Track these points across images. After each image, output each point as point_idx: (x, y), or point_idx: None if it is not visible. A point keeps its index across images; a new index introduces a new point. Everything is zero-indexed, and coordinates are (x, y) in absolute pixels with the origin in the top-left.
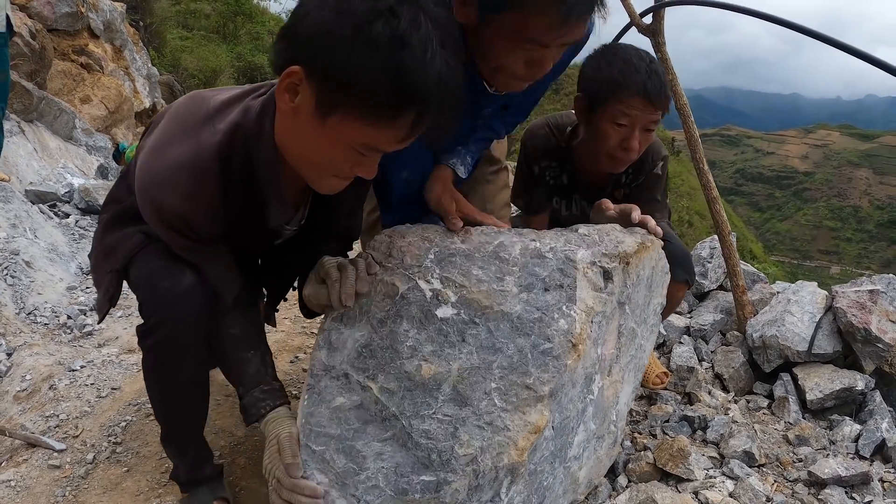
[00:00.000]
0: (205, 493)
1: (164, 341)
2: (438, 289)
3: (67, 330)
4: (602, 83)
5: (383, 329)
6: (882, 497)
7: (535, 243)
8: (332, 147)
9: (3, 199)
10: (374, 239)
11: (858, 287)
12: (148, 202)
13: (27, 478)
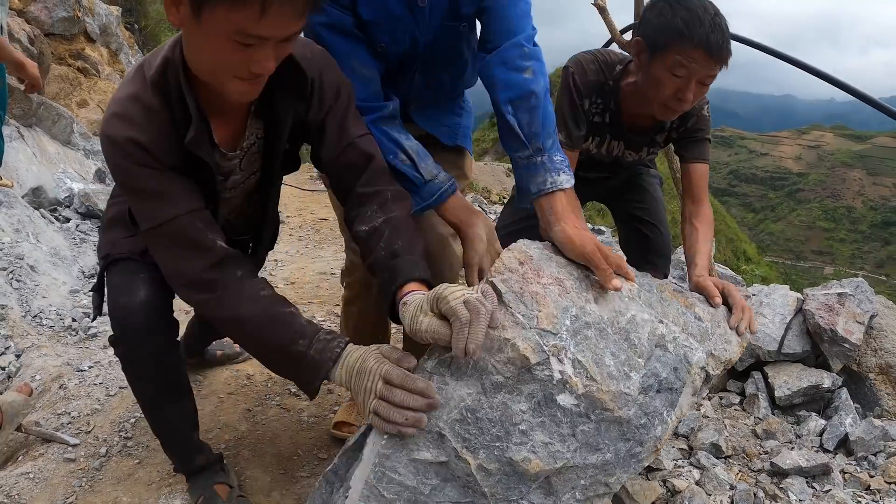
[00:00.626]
0: (204, 480)
1: (127, 353)
2: (570, 375)
3: (73, 332)
4: (664, 30)
5: (496, 397)
6: (842, 487)
7: (662, 326)
8: (215, 45)
9: (6, 205)
10: (504, 262)
11: (828, 290)
12: (108, 144)
13: (44, 470)
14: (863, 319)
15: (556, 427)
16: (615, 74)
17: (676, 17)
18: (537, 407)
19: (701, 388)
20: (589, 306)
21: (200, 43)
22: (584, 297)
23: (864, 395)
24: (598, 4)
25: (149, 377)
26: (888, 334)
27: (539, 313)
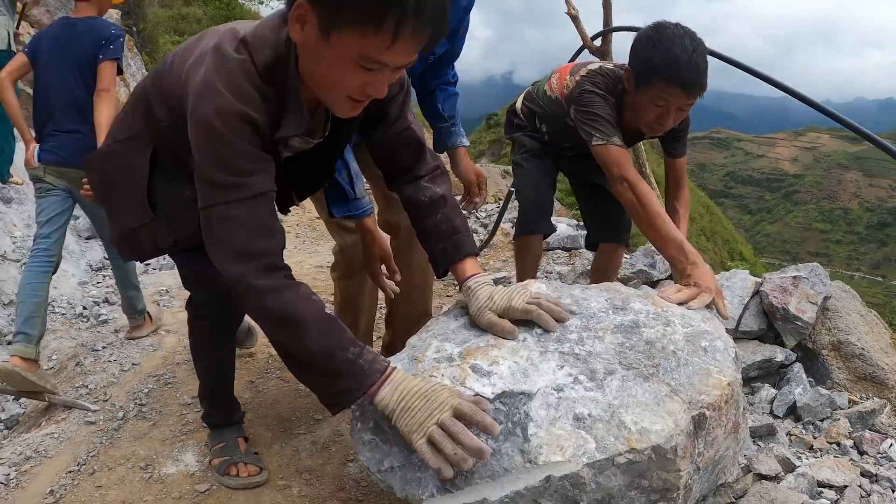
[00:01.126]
0: (231, 432)
1: (208, 326)
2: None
3: (84, 319)
4: (646, 66)
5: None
6: (787, 447)
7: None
8: (338, 65)
9: (17, 201)
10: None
11: (784, 274)
12: (213, 109)
13: (67, 431)
14: (815, 300)
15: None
16: (618, 89)
17: (657, 56)
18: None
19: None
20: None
21: (324, 60)
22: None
23: (818, 370)
24: (571, 14)
25: (226, 342)
26: (842, 315)
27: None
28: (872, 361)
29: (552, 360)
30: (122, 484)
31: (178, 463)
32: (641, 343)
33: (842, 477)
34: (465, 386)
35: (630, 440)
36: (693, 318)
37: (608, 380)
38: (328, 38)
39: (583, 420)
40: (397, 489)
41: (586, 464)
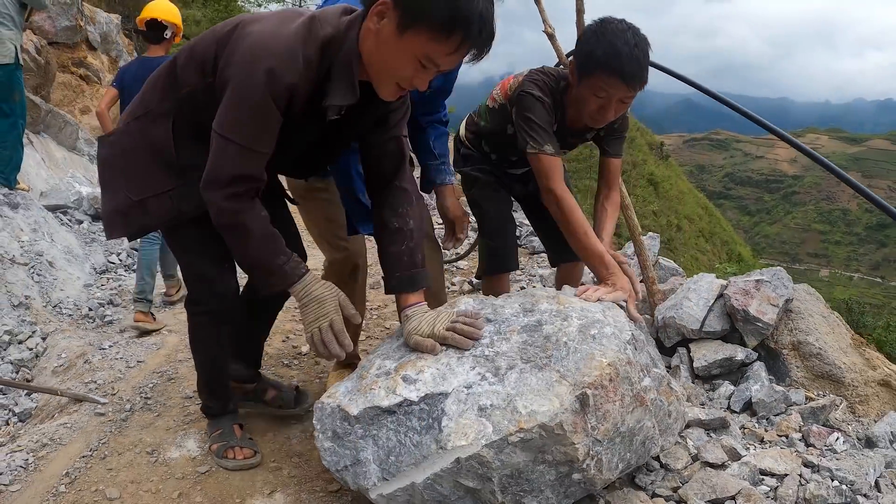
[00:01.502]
0: (228, 420)
1: (211, 317)
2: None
3: (90, 320)
4: (589, 58)
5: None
6: (739, 439)
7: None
8: (402, 57)
9: (24, 207)
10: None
11: (748, 278)
12: (263, 69)
13: (79, 422)
14: (777, 302)
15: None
16: (560, 87)
17: (599, 47)
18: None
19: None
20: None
21: (391, 50)
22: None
23: (779, 368)
24: (548, 32)
25: (224, 332)
26: (805, 316)
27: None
28: (829, 360)
29: (466, 363)
30: (131, 466)
31: (181, 448)
32: (541, 339)
33: (784, 466)
34: (396, 393)
35: (520, 422)
36: (591, 311)
37: (508, 374)
38: (402, 34)
39: (485, 409)
40: (350, 483)
41: (485, 445)
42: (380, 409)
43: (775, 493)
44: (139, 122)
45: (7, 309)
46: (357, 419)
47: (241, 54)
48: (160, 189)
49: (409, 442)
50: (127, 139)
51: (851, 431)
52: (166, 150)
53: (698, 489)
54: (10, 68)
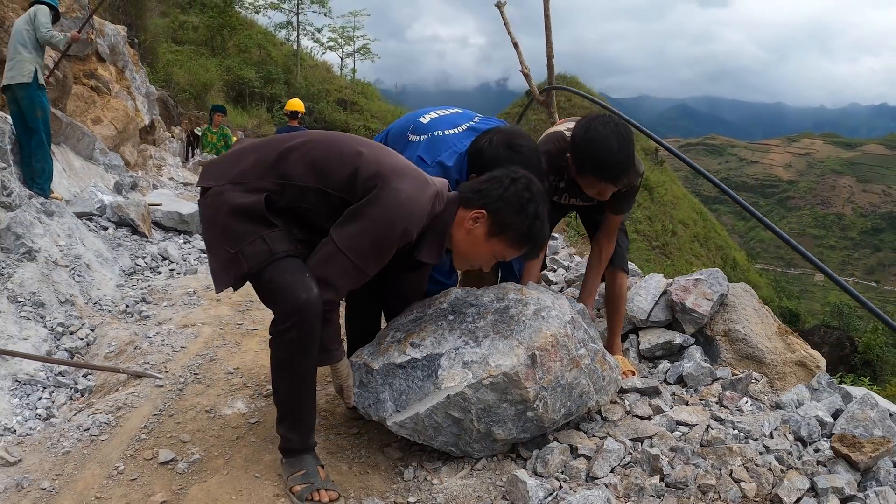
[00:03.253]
0: (312, 460)
1: (299, 336)
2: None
3: (129, 315)
4: (583, 160)
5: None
6: (668, 403)
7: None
8: (482, 251)
9: (58, 215)
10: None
11: (689, 277)
12: (402, 227)
13: (143, 392)
14: (711, 297)
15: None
16: (564, 158)
17: (588, 157)
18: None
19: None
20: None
21: (476, 246)
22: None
23: (713, 351)
24: (524, 72)
25: (313, 352)
26: (738, 309)
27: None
28: (753, 344)
29: (455, 333)
30: (194, 421)
31: (232, 408)
32: (507, 318)
33: (696, 419)
34: (405, 354)
35: (490, 371)
36: (544, 300)
37: (484, 341)
38: (489, 239)
39: (468, 364)
40: (373, 415)
41: (466, 386)
42: (394, 364)
43: (685, 437)
44: (235, 188)
45: (56, 305)
46: (378, 371)
47: (388, 206)
48: (252, 236)
49: (415, 386)
50: (222, 201)
51: (766, 400)
52: (258, 211)
53: (624, 431)
54: (31, 87)
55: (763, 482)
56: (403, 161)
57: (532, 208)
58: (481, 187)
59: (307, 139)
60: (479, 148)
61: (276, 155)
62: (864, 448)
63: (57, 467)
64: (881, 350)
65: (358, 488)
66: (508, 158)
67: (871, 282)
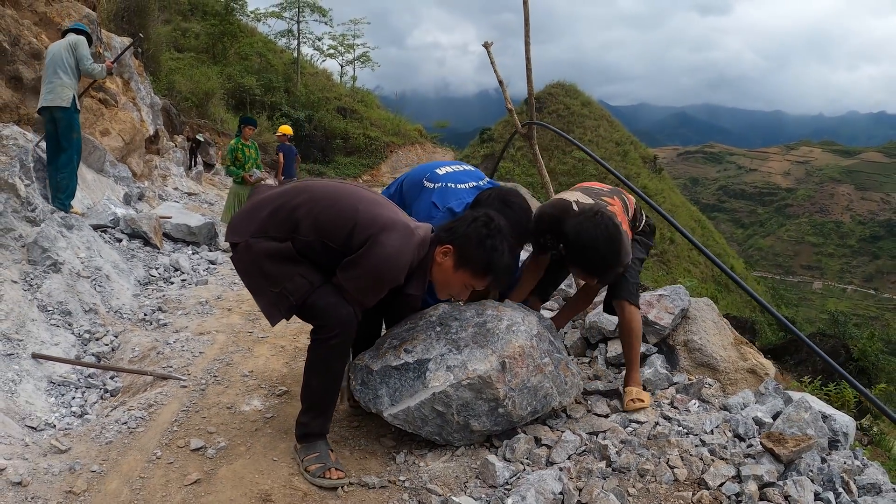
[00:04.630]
0: (324, 445)
1: (341, 341)
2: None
3: (148, 323)
4: (570, 255)
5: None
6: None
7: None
8: (455, 281)
9: (77, 228)
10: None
11: (654, 293)
12: (391, 276)
13: (170, 392)
14: (673, 311)
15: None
16: (560, 226)
17: (582, 256)
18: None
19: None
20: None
21: (447, 277)
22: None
23: (674, 359)
24: (508, 108)
25: (346, 355)
26: (698, 321)
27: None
28: (708, 353)
29: (441, 342)
30: (217, 416)
31: (250, 405)
32: (485, 331)
33: (647, 417)
34: (400, 358)
35: (468, 374)
36: (516, 317)
37: (465, 349)
38: (456, 269)
39: (450, 368)
40: (372, 408)
41: (448, 385)
42: (390, 367)
43: (635, 432)
44: (258, 240)
45: (81, 314)
46: (377, 372)
47: (379, 259)
48: (292, 275)
49: (407, 385)
50: (254, 252)
51: (716, 402)
52: (289, 253)
53: (583, 426)
54: (70, 111)
55: (693, 469)
56: (393, 215)
57: (490, 243)
58: (450, 226)
59: (311, 197)
60: (477, 200)
61: (287, 212)
62: (787, 443)
63: (102, 454)
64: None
65: (358, 470)
66: (499, 211)
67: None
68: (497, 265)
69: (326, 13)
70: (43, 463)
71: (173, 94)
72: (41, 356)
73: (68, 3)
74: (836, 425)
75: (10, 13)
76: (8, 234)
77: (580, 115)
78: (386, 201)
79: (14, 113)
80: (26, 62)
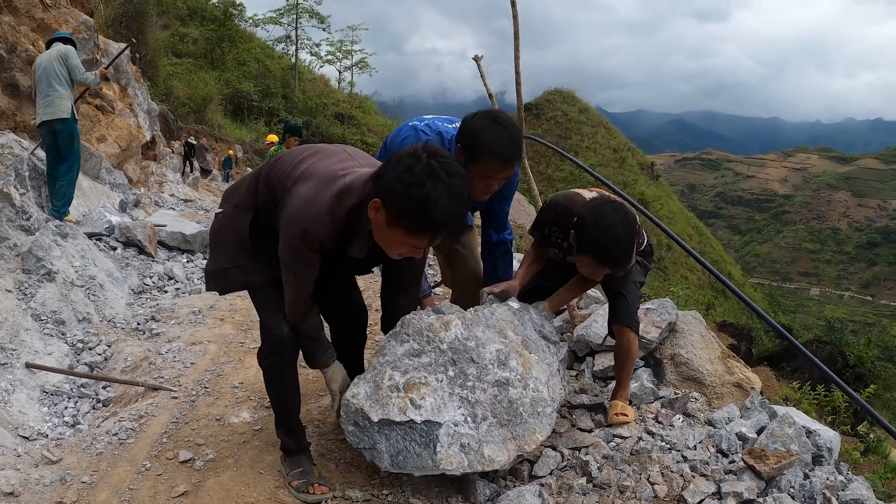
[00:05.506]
0: (307, 460)
1: (274, 363)
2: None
3: (141, 332)
4: (584, 239)
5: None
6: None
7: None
8: (393, 240)
9: (72, 236)
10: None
11: (641, 307)
12: (299, 230)
13: (160, 403)
14: (660, 325)
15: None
16: (572, 221)
17: (597, 240)
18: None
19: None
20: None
21: (386, 234)
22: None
23: (661, 373)
24: None
25: (288, 381)
26: (685, 335)
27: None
28: (694, 367)
29: (455, 401)
30: (207, 427)
31: (239, 417)
32: (506, 400)
33: (630, 432)
34: (406, 414)
35: (484, 464)
36: (540, 383)
37: (482, 424)
38: (390, 227)
39: (465, 447)
40: (367, 457)
41: (461, 471)
42: (393, 422)
43: (618, 447)
44: (234, 209)
45: (74, 323)
46: (375, 423)
47: (287, 213)
48: (236, 263)
49: (412, 450)
50: (226, 220)
51: (701, 417)
52: (243, 236)
53: (566, 441)
54: (70, 122)
55: (674, 485)
56: (317, 166)
57: (418, 192)
58: (378, 173)
59: (280, 159)
60: (464, 120)
61: (261, 177)
62: (768, 460)
63: (93, 465)
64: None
65: (343, 483)
66: (488, 126)
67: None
68: (433, 218)
69: (325, 19)
70: (34, 473)
71: (171, 99)
72: (34, 366)
73: (66, 10)
74: (821, 440)
75: (7, 20)
76: (2, 243)
77: (578, 121)
78: (340, 150)
79: (10, 120)
80: (23, 69)
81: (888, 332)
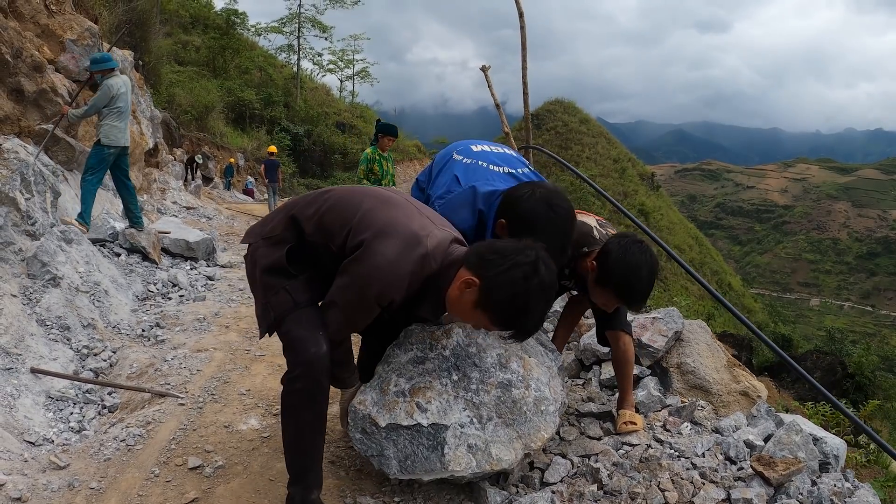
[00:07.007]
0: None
1: (305, 387)
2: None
3: (146, 339)
4: (609, 274)
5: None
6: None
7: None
8: (472, 317)
9: (76, 242)
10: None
11: (648, 315)
12: (377, 290)
13: (167, 409)
14: (667, 334)
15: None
16: (579, 252)
17: (624, 278)
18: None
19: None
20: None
21: (465, 309)
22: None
23: (667, 381)
24: (505, 131)
25: (321, 401)
26: (691, 344)
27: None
28: (700, 376)
29: (460, 403)
30: (215, 434)
31: (247, 424)
32: (510, 401)
33: (639, 440)
34: (412, 418)
35: (492, 464)
36: (541, 383)
37: (488, 425)
38: (475, 308)
39: (472, 448)
40: (375, 465)
41: (470, 473)
42: (401, 426)
43: (627, 454)
44: (265, 243)
45: (79, 329)
46: (383, 428)
47: (364, 268)
48: (277, 288)
49: (420, 454)
50: (256, 257)
51: (708, 425)
52: (281, 265)
53: (575, 449)
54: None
55: (684, 492)
56: (401, 218)
57: (523, 301)
58: (487, 256)
59: (328, 197)
60: (517, 196)
61: (299, 212)
62: (776, 467)
63: (101, 471)
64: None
65: (354, 490)
66: (544, 215)
67: (866, 306)
68: (523, 327)
69: (327, 29)
70: (42, 479)
71: (173, 107)
72: (40, 371)
73: (71, 16)
74: (828, 448)
75: (12, 25)
76: (8, 248)
77: (578, 132)
78: (405, 202)
79: (15, 125)
80: (28, 75)
81: (889, 343)
